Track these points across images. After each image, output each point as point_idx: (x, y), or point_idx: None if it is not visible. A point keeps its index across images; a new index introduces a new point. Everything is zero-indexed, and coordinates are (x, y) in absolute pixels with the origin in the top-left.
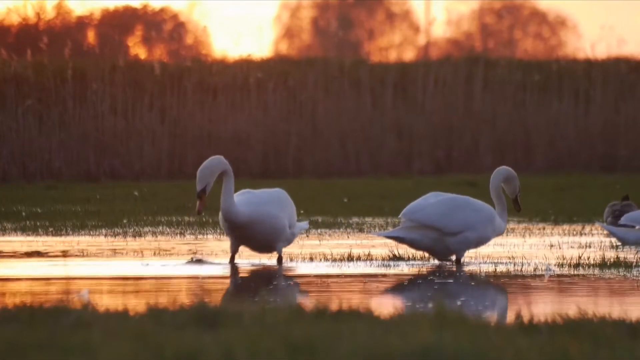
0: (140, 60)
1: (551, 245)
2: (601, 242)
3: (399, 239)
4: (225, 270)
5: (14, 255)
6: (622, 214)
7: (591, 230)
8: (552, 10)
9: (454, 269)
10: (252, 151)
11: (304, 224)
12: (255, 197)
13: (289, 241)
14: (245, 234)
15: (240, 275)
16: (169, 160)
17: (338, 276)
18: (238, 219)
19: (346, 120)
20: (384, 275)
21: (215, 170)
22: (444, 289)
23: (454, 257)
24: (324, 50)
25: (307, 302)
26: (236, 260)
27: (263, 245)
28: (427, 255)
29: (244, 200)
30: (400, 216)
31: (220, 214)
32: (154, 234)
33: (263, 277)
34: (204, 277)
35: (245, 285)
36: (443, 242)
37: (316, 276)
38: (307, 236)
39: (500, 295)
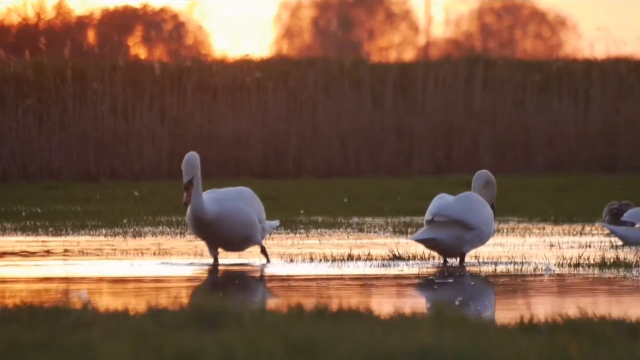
0: (140, 60)
1: (551, 245)
2: (601, 242)
3: (429, 240)
4: (217, 271)
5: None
6: (619, 213)
7: (591, 230)
8: (552, 10)
9: (454, 268)
10: (252, 151)
11: (275, 222)
12: (222, 194)
13: (262, 236)
14: (215, 231)
15: (237, 275)
16: (169, 160)
17: (341, 278)
18: (207, 216)
19: (346, 120)
20: (385, 276)
21: (196, 164)
22: (444, 289)
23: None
24: (324, 50)
25: (307, 302)
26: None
27: (236, 242)
28: (426, 255)
29: (210, 198)
30: (433, 215)
31: (188, 213)
32: (154, 234)
33: (259, 278)
34: (191, 279)
35: (243, 285)
36: (462, 239)
37: (316, 277)
38: (307, 236)
39: (500, 295)
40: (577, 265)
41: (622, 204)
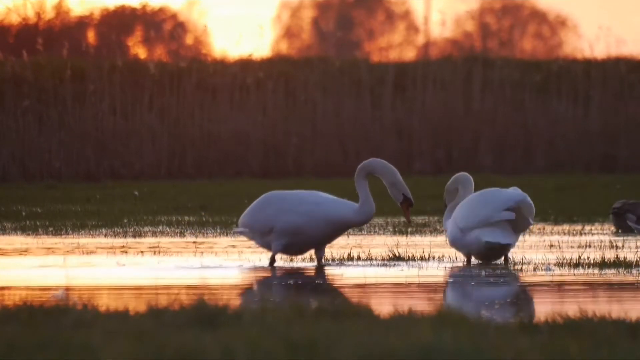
0: (140, 60)
1: (551, 245)
2: (601, 242)
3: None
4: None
5: None
6: (622, 210)
7: (591, 230)
8: (552, 10)
9: (454, 269)
10: (252, 151)
11: None
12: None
13: None
14: (333, 234)
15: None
16: (169, 160)
17: (341, 277)
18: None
19: (346, 120)
20: (384, 276)
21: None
22: (444, 289)
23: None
24: (324, 50)
25: (307, 302)
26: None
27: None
28: (426, 255)
29: (340, 200)
30: (518, 202)
31: (348, 217)
32: (153, 233)
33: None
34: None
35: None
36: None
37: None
38: None
39: (500, 295)
40: (577, 265)
41: (630, 202)
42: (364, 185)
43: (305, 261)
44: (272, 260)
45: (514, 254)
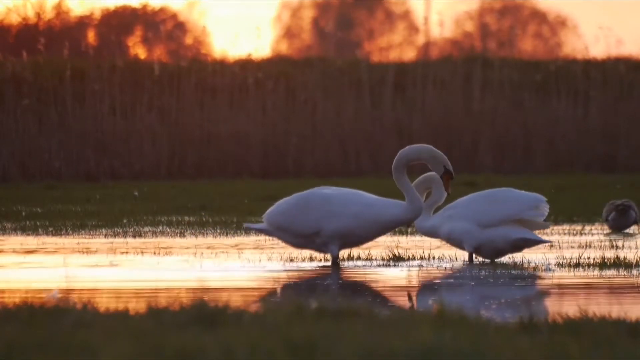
0: (140, 60)
1: (551, 246)
2: (601, 242)
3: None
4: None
5: None
6: (626, 208)
7: (591, 230)
8: (552, 10)
9: (454, 268)
10: (252, 151)
11: None
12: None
13: None
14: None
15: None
16: (168, 160)
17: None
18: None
19: (346, 120)
20: (384, 275)
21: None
22: (444, 289)
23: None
24: (324, 50)
25: (307, 302)
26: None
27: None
28: (426, 255)
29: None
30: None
31: (394, 216)
32: (153, 233)
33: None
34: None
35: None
36: None
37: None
38: None
39: (501, 295)
40: (577, 265)
41: (625, 201)
42: (407, 182)
43: (305, 261)
44: (335, 262)
45: (514, 253)
